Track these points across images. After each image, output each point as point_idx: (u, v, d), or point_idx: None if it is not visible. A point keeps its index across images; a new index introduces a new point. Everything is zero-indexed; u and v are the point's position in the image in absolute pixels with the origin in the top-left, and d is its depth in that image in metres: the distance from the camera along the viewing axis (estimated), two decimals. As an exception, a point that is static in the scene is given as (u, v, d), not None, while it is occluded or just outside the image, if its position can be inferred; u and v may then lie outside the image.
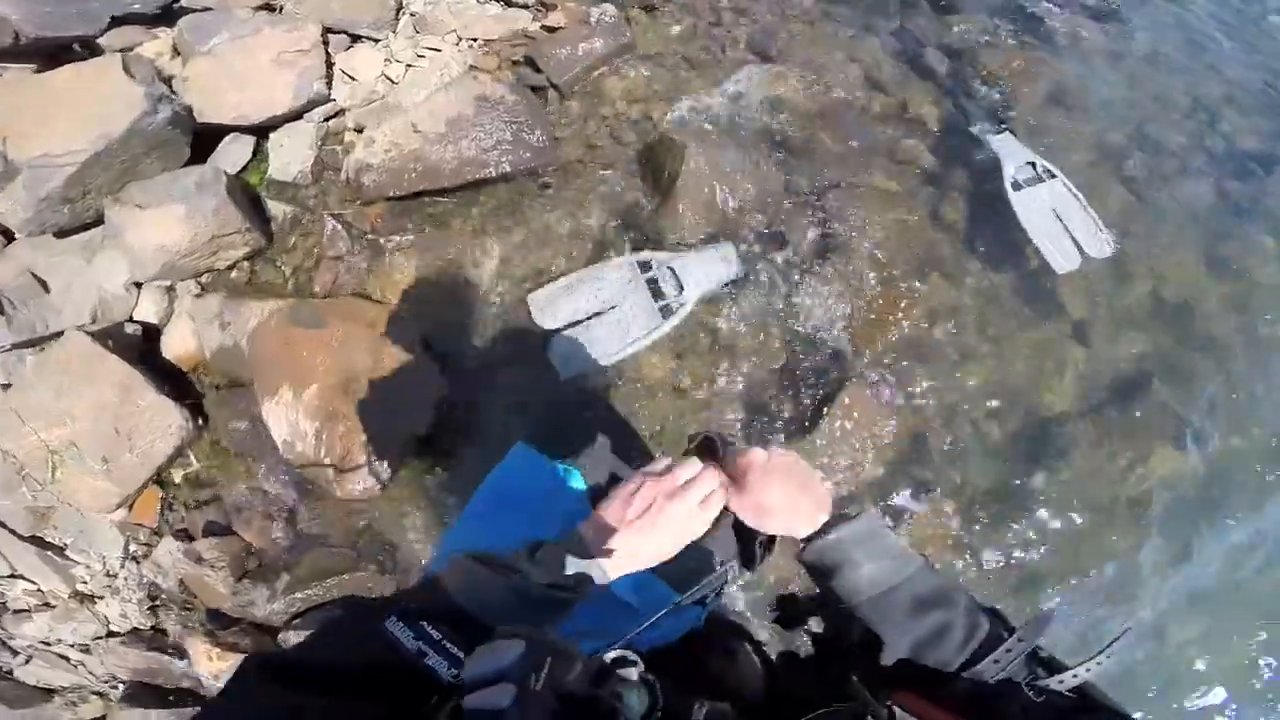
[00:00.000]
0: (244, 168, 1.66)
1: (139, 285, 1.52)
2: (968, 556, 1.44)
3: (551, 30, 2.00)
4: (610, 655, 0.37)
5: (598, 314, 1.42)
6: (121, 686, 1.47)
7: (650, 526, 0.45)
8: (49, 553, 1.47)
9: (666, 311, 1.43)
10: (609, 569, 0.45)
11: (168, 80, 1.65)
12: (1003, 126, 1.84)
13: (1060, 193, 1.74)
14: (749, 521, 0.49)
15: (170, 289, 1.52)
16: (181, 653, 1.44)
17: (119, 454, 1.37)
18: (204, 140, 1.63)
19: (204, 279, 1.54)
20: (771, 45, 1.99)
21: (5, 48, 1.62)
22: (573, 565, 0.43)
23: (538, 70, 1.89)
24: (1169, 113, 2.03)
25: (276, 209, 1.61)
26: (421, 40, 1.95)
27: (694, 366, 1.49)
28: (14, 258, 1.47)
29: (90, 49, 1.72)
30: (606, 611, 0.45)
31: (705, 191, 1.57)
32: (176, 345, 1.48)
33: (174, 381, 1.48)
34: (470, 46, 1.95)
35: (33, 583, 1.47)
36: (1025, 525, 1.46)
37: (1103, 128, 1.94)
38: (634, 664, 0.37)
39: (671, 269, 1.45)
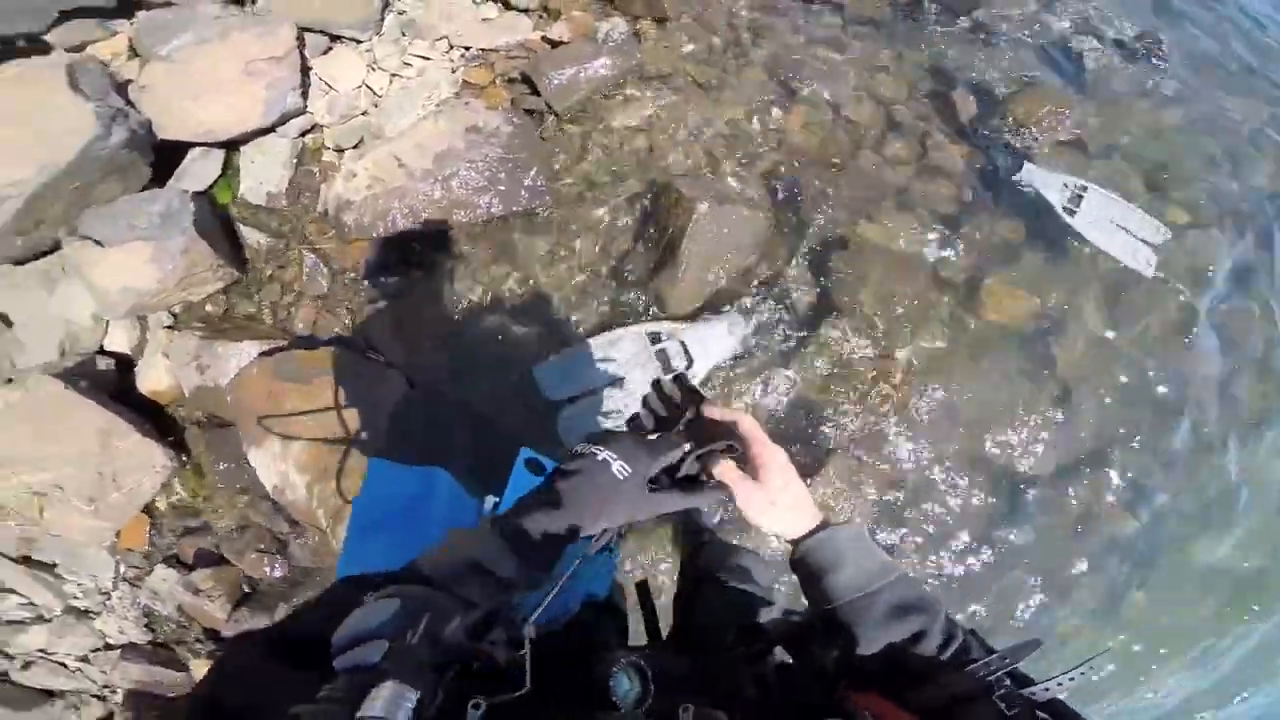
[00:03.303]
0: (213, 184, 1.54)
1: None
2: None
3: (554, 44, 1.85)
4: (492, 608, 0.37)
5: (606, 385, 1.43)
6: (120, 693, 1.54)
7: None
8: (38, 571, 1.50)
9: None
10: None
11: (123, 87, 1.49)
12: (1023, 161, 1.79)
13: (1104, 201, 1.75)
14: (750, 512, 0.51)
15: (141, 319, 1.46)
16: (181, 667, 1.52)
17: (105, 494, 1.37)
18: (166, 155, 1.50)
19: (176, 309, 1.48)
20: (789, 74, 1.88)
21: None
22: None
23: (535, 92, 1.77)
24: (1187, 161, 1.98)
25: (251, 236, 1.52)
26: (409, 46, 1.78)
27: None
28: (-32, 290, 1.39)
29: (38, 45, 1.53)
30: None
31: (710, 252, 1.53)
32: (153, 382, 1.44)
33: (153, 417, 1.46)
34: (462, 56, 1.80)
35: (25, 597, 1.51)
36: (992, 580, 1.54)
37: (1121, 175, 1.89)
38: (516, 612, 0.38)
39: (682, 342, 1.45)
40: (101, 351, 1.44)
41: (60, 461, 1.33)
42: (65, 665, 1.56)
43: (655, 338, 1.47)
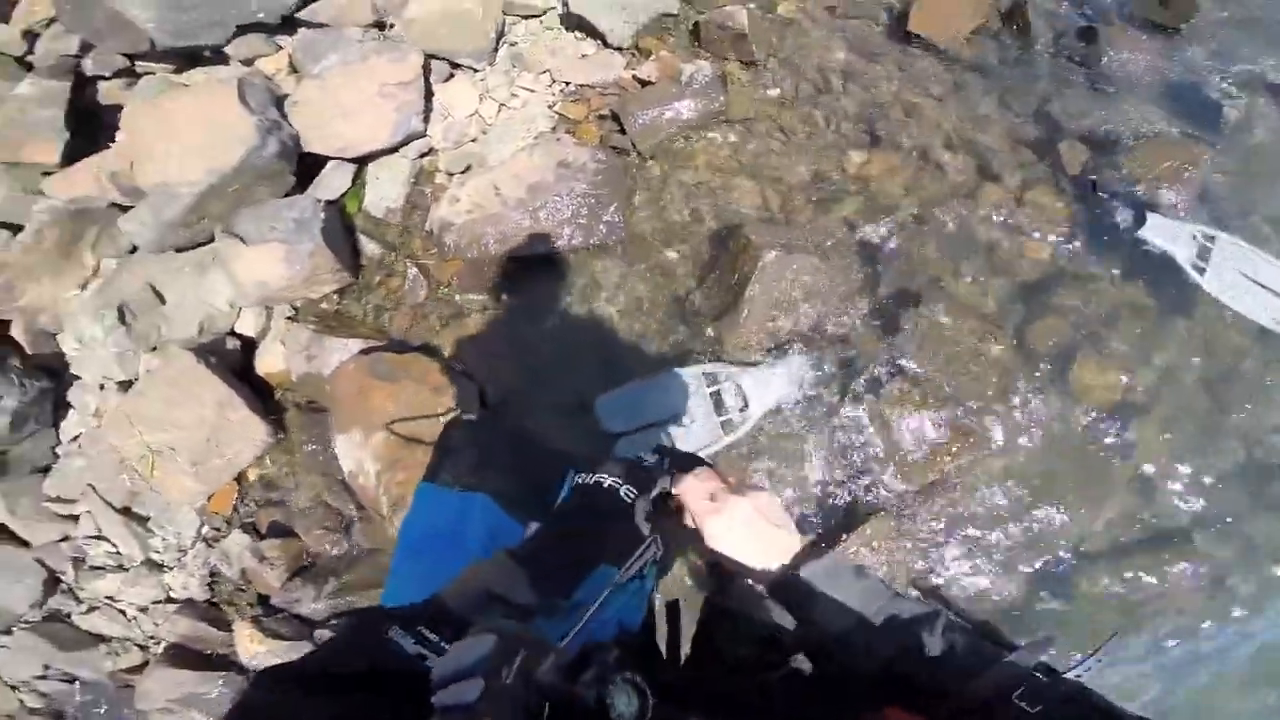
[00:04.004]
0: (343, 195, 1.73)
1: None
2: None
3: (643, 84, 1.95)
4: (585, 649, 0.37)
5: (661, 422, 1.48)
6: (163, 645, 1.63)
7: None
8: (134, 523, 1.67)
9: (728, 426, 1.46)
10: None
11: (280, 100, 1.71)
12: (1147, 214, 1.63)
13: (1233, 252, 1.59)
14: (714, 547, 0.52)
15: (268, 309, 1.66)
16: (225, 627, 1.62)
17: (208, 459, 1.54)
18: (308, 165, 1.71)
19: (298, 303, 1.66)
20: (879, 121, 1.81)
21: (144, 53, 1.73)
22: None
23: (622, 130, 1.87)
24: None
25: (367, 245, 1.69)
26: (517, 78, 1.94)
27: (727, 467, 1.55)
28: (137, 270, 1.63)
29: (219, 56, 1.81)
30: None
31: (775, 301, 1.55)
32: (268, 364, 1.63)
33: (262, 394, 1.64)
34: (561, 90, 1.94)
35: (114, 546, 1.67)
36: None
37: (1258, 237, 1.67)
38: (609, 651, 0.37)
39: (738, 385, 1.48)
40: (231, 333, 1.65)
41: (179, 425, 1.52)
42: (124, 613, 1.68)
43: (712, 379, 1.50)
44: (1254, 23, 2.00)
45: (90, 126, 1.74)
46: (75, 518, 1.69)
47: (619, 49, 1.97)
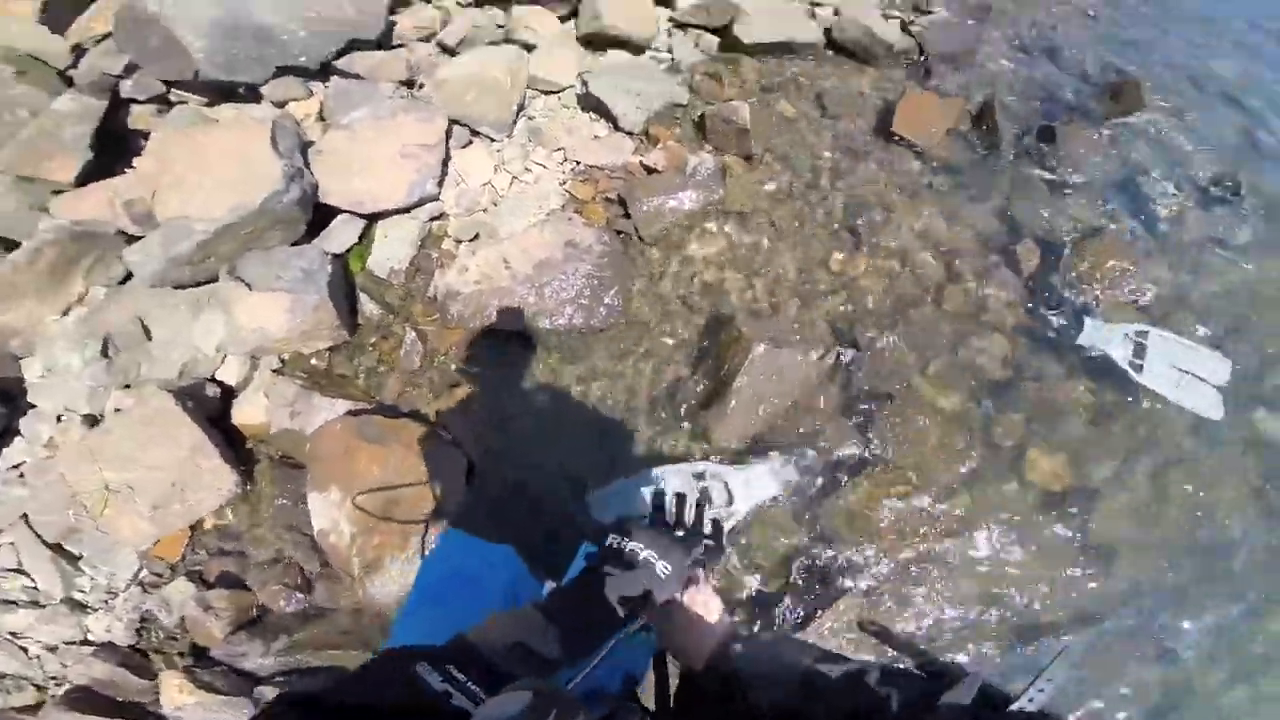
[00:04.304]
0: (348, 250, 1.75)
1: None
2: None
3: (649, 170, 2.08)
4: (611, 708, 0.40)
5: (649, 515, 1.51)
6: (66, 686, 1.49)
7: None
8: (63, 560, 1.55)
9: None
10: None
11: (306, 147, 1.74)
12: (1084, 319, 1.81)
13: (1164, 347, 1.72)
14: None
15: (254, 359, 1.64)
16: (148, 675, 1.50)
17: (169, 503, 1.48)
18: (320, 214, 1.74)
19: (285, 356, 1.65)
20: (862, 219, 2.00)
21: (185, 81, 1.76)
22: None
23: (627, 215, 1.98)
24: (1260, 318, 1.92)
25: (366, 305, 1.70)
26: (532, 152, 2.06)
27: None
28: (128, 302, 1.60)
29: (253, 94, 1.84)
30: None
31: (760, 393, 1.63)
32: (247, 415, 1.59)
33: (234, 444, 1.59)
34: (573, 169, 2.05)
35: (32, 581, 1.54)
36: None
37: (1189, 333, 1.85)
38: (635, 713, 0.40)
39: (725, 482, 1.55)
40: (210, 379, 1.61)
41: (146, 466, 1.46)
42: (26, 650, 1.54)
43: (700, 476, 1.57)
44: (1189, 116, 2.32)
45: (111, 150, 1.74)
46: (-5, 548, 1.57)
47: (630, 133, 2.10)
